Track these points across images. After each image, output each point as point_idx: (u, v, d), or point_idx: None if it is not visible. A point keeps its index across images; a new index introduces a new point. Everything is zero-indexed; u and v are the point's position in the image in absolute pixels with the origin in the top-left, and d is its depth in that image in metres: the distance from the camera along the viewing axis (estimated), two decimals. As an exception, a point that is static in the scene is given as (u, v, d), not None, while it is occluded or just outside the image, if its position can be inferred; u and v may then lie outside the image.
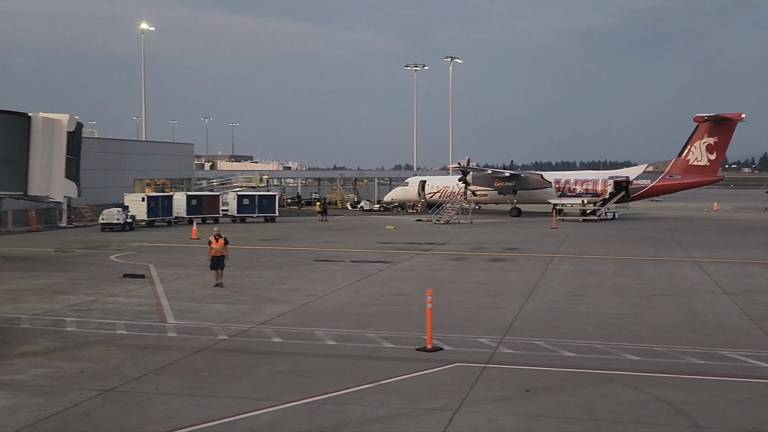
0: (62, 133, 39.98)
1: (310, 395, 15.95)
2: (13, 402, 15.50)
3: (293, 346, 20.55)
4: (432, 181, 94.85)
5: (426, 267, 37.57)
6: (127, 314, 25.02)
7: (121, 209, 59.27)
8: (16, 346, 20.52)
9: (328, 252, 44.28)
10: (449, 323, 23.55)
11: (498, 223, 70.83)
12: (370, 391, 16.29)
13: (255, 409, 15.05)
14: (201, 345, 20.58)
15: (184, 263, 38.71)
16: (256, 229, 63.30)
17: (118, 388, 16.53)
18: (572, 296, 28.59)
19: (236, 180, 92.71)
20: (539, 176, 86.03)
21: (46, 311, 25.47)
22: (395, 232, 59.45)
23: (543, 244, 49.24)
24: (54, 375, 17.59)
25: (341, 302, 27.40)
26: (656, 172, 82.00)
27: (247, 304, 26.82)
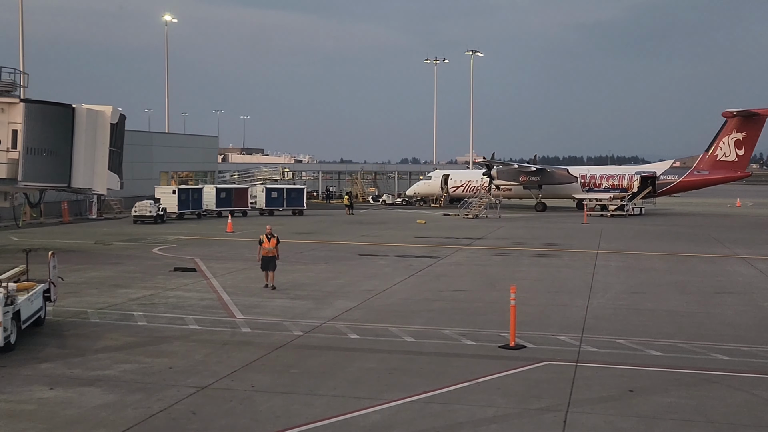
0: (105, 125, 39.96)
1: (410, 394, 15.72)
2: (113, 398, 15.31)
3: (372, 343, 20.33)
4: (455, 176, 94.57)
5: (473, 262, 37.30)
6: (192, 309, 24.82)
7: (153, 202, 59.07)
8: (93, 340, 20.33)
9: (369, 246, 44.05)
10: (521, 320, 23.13)
11: (527, 218, 70.48)
12: (470, 390, 16.05)
13: (360, 408, 14.82)
14: (279, 341, 20.36)
15: (228, 257, 38.53)
16: (287, 222, 63.10)
17: (213, 385, 16.31)
18: (634, 293, 28.30)
19: (259, 173, 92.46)
20: (565, 171, 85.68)
21: (109, 305, 25.29)
22: (428, 227, 59.20)
23: (581, 240, 48.93)
24: (143, 371, 17.39)
25: (403, 298, 27.18)
26: (683, 167, 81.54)
27: (310, 300, 26.60)
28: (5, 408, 14.67)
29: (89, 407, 14.77)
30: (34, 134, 37.68)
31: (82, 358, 18.39)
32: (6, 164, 37.26)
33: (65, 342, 20.16)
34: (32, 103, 38.00)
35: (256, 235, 50.40)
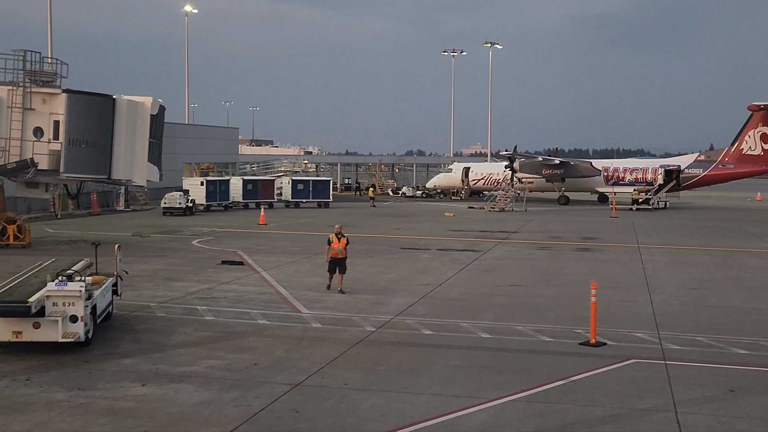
0: (146, 117, 39.71)
1: (508, 392, 15.49)
2: (209, 396, 15.10)
3: (448, 339, 20.10)
4: (476, 168, 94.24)
5: (517, 256, 37.05)
6: (254, 303, 24.60)
7: (182, 193, 58.87)
8: (167, 335, 20.13)
9: (407, 240, 43.79)
10: (587, 316, 22.98)
11: (553, 212, 70.17)
12: (568, 389, 15.80)
13: (463, 407, 14.60)
14: (354, 337, 20.13)
15: (270, 250, 38.29)
16: (315, 214, 62.91)
17: (305, 382, 16.09)
18: (693, 289, 28.01)
19: (280, 165, 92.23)
20: (588, 164, 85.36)
21: (170, 299, 25.08)
22: (458, 220, 58.95)
23: (617, 234, 48.63)
24: (229, 367, 17.18)
25: (461, 293, 26.95)
26: (708, 161, 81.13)
27: (368, 294, 26.36)
28: (104, 405, 14.45)
29: (188, 405, 14.55)
30: (76, 125, 37.47)
31: (163, 354, 18.16)
32: (47, 155, 37.06)
33: (139, 337, 19.94)
34: (74, 93, 37.77)
35: (289, 228, 50.50)
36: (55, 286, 17.76)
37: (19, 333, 17.50)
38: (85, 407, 14.29)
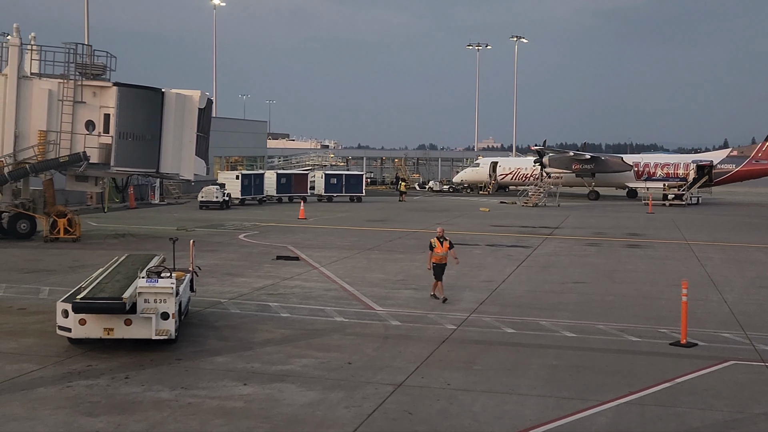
0: (194, 110, 39.58)
1: (617, 395, 15.20)
2: (315, 396, 14.89)
3: (533, 338, 19.84)
4: (504, 163, 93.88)
5: (569, 252, 36.69)
6: (324, 300, 24.37)
7: (218, 187, 58.73)
8: (249, 332, 19.94)
9: (452, 235, 42.86)
10: (666, 315, 22.76)
11: (587, 207, 69.74)
12: (677, 391, 15.53)
13: (576, 410, 14.33)
14: (438, 335, 19.90)
15: (319, 245, 38.06)
16: (351, 208, 62.71)
17: (406, 382, 15.86)
18: (762, 288, 27.73)
19: (308, 159, 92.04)
20: (619, 159, 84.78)
21: (238, 294, 24.89)
22: (494, 215, 58.60)
23: (661, 230, 48.21)
24: (324, 366, 16.96)
25: (528, 290, 26.69)
26: (741, 156, 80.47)
27: (435, 291, 26.02)
28: (214, 405, 14.25)
29: (297, 405, 14.34)
30: (126, 119, 37.38)
31: (253, 352, 17.96)
32: (98, 149, 37.00)
33: (222, 334, 19.74)
34: (125, 87, 37.66)
35: (330, 222, 50.27)
36: (146, 283, 17.55)
37: (110, 330, 17.32)
38: (195, 407, 14.08)
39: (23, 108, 36.57)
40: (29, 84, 36.82)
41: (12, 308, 22.40)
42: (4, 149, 36.34)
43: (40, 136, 36.60)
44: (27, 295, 24.30)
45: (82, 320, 17.22)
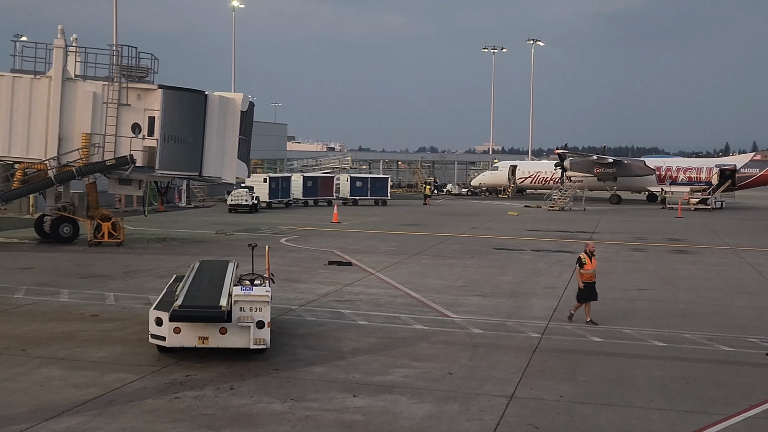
0: (236, 113, 39.25)
1: (739, 408, 14.89)
2: (431, 409, 14.58)
3: (625, 347, 19.54)
4: (523, 166, 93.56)
5: (617, 258, 36.35)
6: (394, 306, 24.03)
7: (247, 190, 58.40)
8: (334, 341, 19.61)
9: (493, 240, 43.14)
10: (746, 324, 22.47)
11: (613, 211, 69.38)
12: (797, 404, 15.11)
13: (705, 424, 14.00)
14: (526, 344, 19.60)
15: (365, 249, 37.72)
16: (380, 212, 62.39)
17: (516, 394, 15.53)
18: (831, 295, 27.20)
19: (328, 161, 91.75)
20: (642, 163, 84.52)
21: (306, 301, 24.56)
22: (526, 219, 58.33)
23: (698, 235, 47.89)
24: (425, 377, 16.63)
25: (596, 297, 26.21)
26: (765, 160, 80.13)
27: (502, 298, 25.82)
28: (332, 418, 13.90)
29: (418, 418, 14.00)
30: (171, 121, 37.05)
31: (347, 362, 17.61)
32: (142, 152, 36.60)
33: (307, 342, 19.39)
34: (169, 89, 37.31)
35: (365, 227, 49.89)
36: (242, 291, 17.20)
37: (205, 339, 16.98)
38: (314, 420, 13.73)
39: (67, 111, 36.22)
40: (73, 86, 36.49)
41: (84, 315, 22.05)
42: (48, 152, 36.00)
43: (84, 139, 36.23)
44: (93, 301, 23.94)
45: (177, 329, 16.87)
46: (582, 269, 21.48)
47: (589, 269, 21.45)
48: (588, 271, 21.43)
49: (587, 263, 21.52)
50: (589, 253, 21.75)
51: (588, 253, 21.73)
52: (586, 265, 21.49)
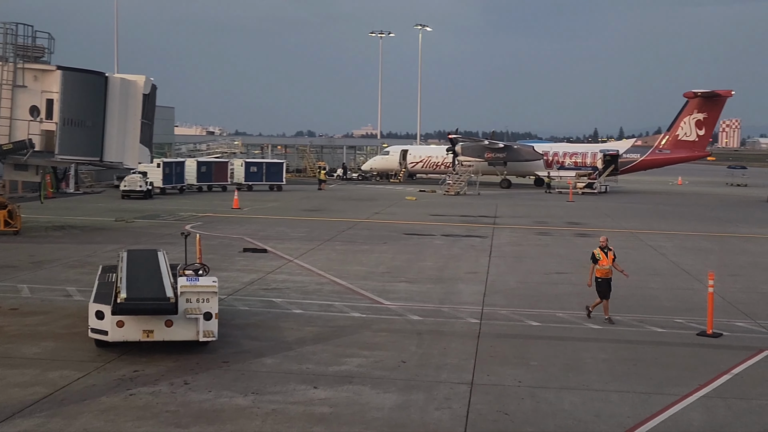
0: (138, 96, 37.92)
1: (690, 388, 15.40)
2: (399, 399, 14.47)
3: (564, 331, 19.97)
4: (414, 151, 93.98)
5: (528, 242, 37.03)
6: (325, 294, 23.80)
7: (142, 176, 56.50)
8: (276, 331, 19.24)
9: (400, 225, 43.21)
10: (667, 305, 23.25)
11: (505, 195, 70.66)
12: (743, 384, 15.94)
13: (665, 405, 14.39)
14: (469, 330, 19.76)
15: (275, 236, 37.11)
16: (278, 197, 61.59)
17: (476, 381, 15.57)
18: (736, 276, 28.60)
19: (218, 146, 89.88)
20: (531, 148, 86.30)
21: (233, 290, 24.04)
22: (425, 204, 58.66)
23: (595, 218, 49.32)
24: (380, 366, 16.52)
25: (519, 281, 26.84)
26: (645, 146, 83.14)
27: (428, 284, 25.88)
28: (301, 411, 13.60)
29: (388, 408, 13.90)
30: (71, 104, 35.39)
31: (297, 353, 17.30)
32: (41, 136, 34.86)
33: (249, 333, 18.95)
34: (69, 71, 35.59)
35: (266, 212, 49.09)
36: (188, 282, 16.58)
37: (150, 332, 16.30)
38: (283, 414, 13.40)
39: (-43, 92, 34.08)
40: (-37, 67, 34.35)
41: (1, 308, 20.82)
42: (-63, 136, 33.80)
43: (-24, 123, 34.18)
44: (8, 294, 22.71)
45: (120, 322, 16.13)
46: (597, 265, 20.64)
47: (604, 264, 20.58)
48: (604, 267, 20.56)
49: (602, 259, 20.66)
50: (603, 248, 20.85)
51: (602, 248, 20.84)
52: (600, 260, 20.65)
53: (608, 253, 20.77)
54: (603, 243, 21.03)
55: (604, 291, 20.56)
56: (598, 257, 20.69)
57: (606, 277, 20.58)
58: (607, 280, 20.59)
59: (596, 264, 20.64)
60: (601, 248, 20.84)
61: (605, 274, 20.56)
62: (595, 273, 20.66)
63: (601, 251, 20.75)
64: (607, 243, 21.13)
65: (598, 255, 20.70)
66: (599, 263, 20.61)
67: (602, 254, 20.69)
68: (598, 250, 20.82)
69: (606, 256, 20.68)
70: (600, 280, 20.61)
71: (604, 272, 20.56)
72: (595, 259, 20.71)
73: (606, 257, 20.66)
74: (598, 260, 20.64)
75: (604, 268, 20.56)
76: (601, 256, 20.66)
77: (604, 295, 20.60)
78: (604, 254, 20.71)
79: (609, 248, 20.94)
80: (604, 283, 20.57)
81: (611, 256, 20.76)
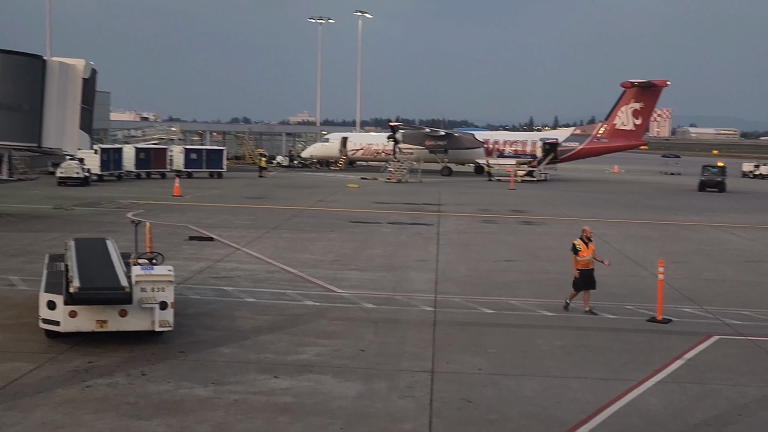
0: (77, 80, 37.05)
1: (646, 374, 15.61)
2: (362, 388, 14.39)
3: (520, 318, 20.14)
4: (354, 138, 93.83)
5: (474, 230, 37.29)
6: (276, 282, 23.61)
7: (78, 162, 55.26)
8: (231, 320, 18.99)
9: (345, 213, 43.12)
10: (617, 291, 23.60)
11: (447, 183, 71.00)
12: (696, 369, 16.20)
13: (624, 390, 14.57)
14: (424, 318, 19.76)
15: (219, 224, 36.68)
16: (219, 185, 60.92)
17: (437, 369, 15.59)
18: (679, 263, 29.12)
19: (155, 132, 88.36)
20: (471, 136, 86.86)
21: (183, 279, 23.51)
22: (368, 191, 58.67)
23: (537, 206, 49.94)
24: (339, 354, 16.42)
25: (469, 269, 26.98)
26: (584, 135, 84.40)
27: (379, 272, 25.86)
28: (263, 401, 13.44)
29: (351, 398, 13.79)
30: (6, 88, 34.45)
31: (253, 342, 17.11)
32: (-26, 121, 33.81)
33: (203, 322, 18.67)
34: (3, 53, 34.60)
35: (208, 200, 48.46)
36: (143, 270, 16.24)
37: (104, 322, 15.93)
38: (246, 404, 13.23)
39: None
40: None
41: (-58, 299, 20.16)
42: None
43: None
44: (-53, 284, 21.94)
45: (73, 312, 15.72)
46: (578, 256, 20.22)
47: (585, 256, 20.17)
48: (584, 258, 20.13)
49: (583, 250, 20.23)
50: (585, 238, 20.40)
51: (584, 239, 20.39)
52: (581, 251, 20.21)
53: (590, 244, 20.38)
54: (588, 234, 20.53)
55: (584, 282, 20.22)
56: (579, 248, 20.26)
57: (587, 268, 20.20)
58: (589, 270, 20.22)
59: (577, 255, 20.25)
60: (583, 239, 20.42)
61: (585, 265, 20.17)
62: (577, 265, 20.25)
63: (582, 242, 20.34)
64: (591, 234, 20.67)
65: (579, 246, 20.28)
66: (579, 254, 20.20)
67: (583, 245, 20.28)
68: (579, 241, 20.39)
69: (587, 248, 20.29)
70: (583, 272, 20.20)
71: (584, 263, 20.17)
72: (576, 250, 20.29)
73: (587, 248, 20.27)
74: (579, 251, 20.22)
75: (585, 260, 20.18)
76: (582, 247, 20.24)
77: (586, 287, 20.28)
78: (585, 245, 20.30)
79: (591, 239, 20.49)
80: (586, 275, 20.20)
81: (592, 248, 20.38)
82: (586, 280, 20.20)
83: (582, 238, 20.41)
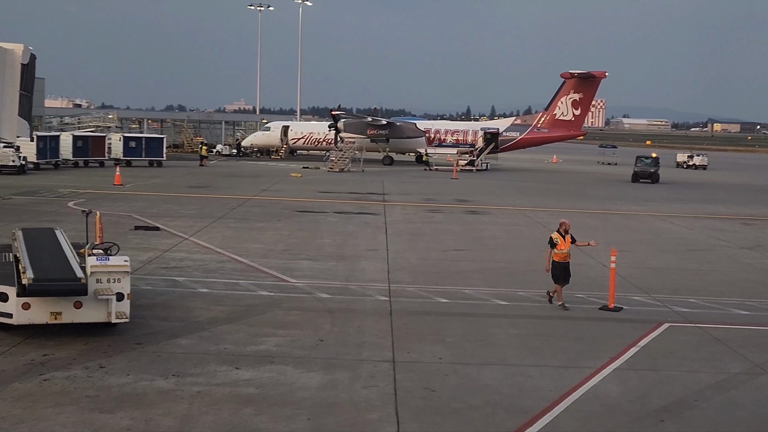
0: (16, 66, 35.85)
1: (603, 361, 15.89)
2: (324, 378, 14.36)
3: (472, 307, 20.26)
4: (296, 127, 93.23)
5: (421, 220, 37.41)
6: (228, 272, 23.42)
7: (14, 150, 53.86)
8: (185, 311, 18.76)
9: (290, 202, 42.89)
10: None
11: (390, 172, 71.04)
12: (650, 356, 16.52)
13: (583, 378, 14.80)
14: (380, 307, 19.81)
15: (164, 213, 36.13)
16: (159, 174, 59.95)
17: (398, 358, 15.68)
18: (626, 252, 29.26)
19: (91, 120, 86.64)
20: (413, 125, 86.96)
21: (132, 269, 23.07)
22: (312, 180, 58.42)
23: (481, 196, 50.31)
24: (298, 345, 16.37)
25: (419, 258, 27.07)
26: (524, 125, 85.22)
27: (330, 261, 25.79)
28: (227, 392, 13.33)
29: (314, 388, 13.76)
30: (-59, 74, 33.27)
31: (211, 333, 16.94)
32: None
33: (157, 313, 18.40)
34: (-60, 38, 33.39)
35: (150, 189, 47.74)
36: (98, 261, 15.94)
37: (58, 314, 15.60)
38: (209, 396, 13.10)
39: None
40: None
41: None
42: None
43: None
44: None
45: (26, 304, 15.36)
46: (555, 249, 19.99)
47: (562, 249, 19.94)
48: (562, 251, 19.93)
49: (560, 243, 20.00)
50: (562, 232, 20.14)
51: (561, 232, 20.14)
52: (559, 245, 19.98)
53: (566, 238, 20.19)
54: (565, 227, 20.30)
55: (561, 275, 20.07)
56: (556, 241, 20.07)
57: (564, 261, 20.05)
58: (565, 264, 20.07)
59: (554, 248, 20.08)
60: (561, 232, 20.22)
61: (563, 258, 20.03)
62: (553, 257, 20.07)
63: (559, 235, 20.13)
64: (568, 227, 20.43)
65: (557, 239, 20.08)
66: (557, 247, 20.00)
67: (560, 238, 20.08)
68: (556, 234, 20.17)
69: (564, 240, 20.10)
70: (557, 264, 20.04)
71: (562, 256, 20.01)
72: (553, 244, 20.12)
73: (564, 241, 20.09)
74: (557, 244, 20.03)
75: (563, 253, 20.01)
76: (560, 240, 20.06)
77: (562, 280, 20.14)
78: (563, 238, 20.12)
79: (568, 232, 20.27)
80: (561, 268, 20.03)
81: (569, 240, 20.21)
82: (563, 273, 20.06)
83: (559, 231, 20.23)
